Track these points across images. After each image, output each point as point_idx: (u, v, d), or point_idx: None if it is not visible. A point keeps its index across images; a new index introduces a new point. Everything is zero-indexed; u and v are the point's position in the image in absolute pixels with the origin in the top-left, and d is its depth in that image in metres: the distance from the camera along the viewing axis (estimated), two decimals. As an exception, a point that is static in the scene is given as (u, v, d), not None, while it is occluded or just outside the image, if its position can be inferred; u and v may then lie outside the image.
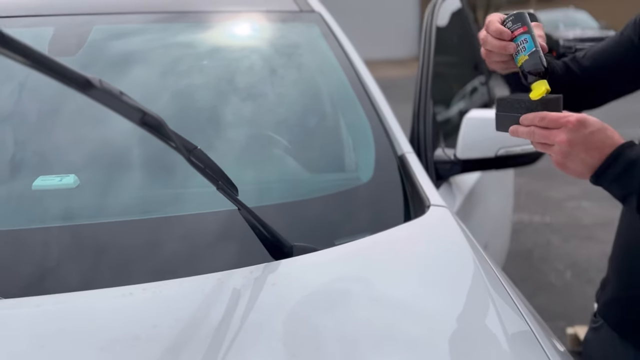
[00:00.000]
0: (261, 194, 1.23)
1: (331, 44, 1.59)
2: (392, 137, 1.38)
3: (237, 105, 1.45)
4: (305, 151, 1.40)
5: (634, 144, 0.77)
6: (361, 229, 1.13)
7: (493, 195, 2.03)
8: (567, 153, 0.79)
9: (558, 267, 3.39)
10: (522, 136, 0.83)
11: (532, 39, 0.87)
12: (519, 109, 0.85)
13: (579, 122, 0.76)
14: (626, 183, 0.76)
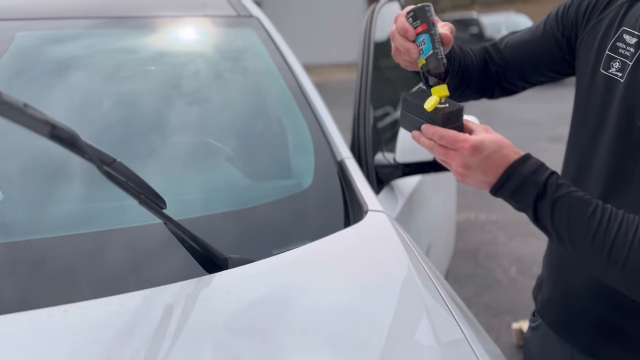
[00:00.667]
0: (197, 205, 1.19)
1: (269, 49, 1.57)
2: (331, 143, 1.37)
3: (172, 112, 1.41)
4: (244, 158, 1.38)
5: (527, 159, 0.78)
6: (300, 237, 1.12)
7: (436, 196, 2.06)
8: (464, 175, 0.80)
9: (504, 264, 3.49)
10: (423, 146, 0.83)
11: (431, 39, 0.82)
12: (422, 115, 0.83)
13: (473, 149, 0.77)
14: (521, 198, 0.78)
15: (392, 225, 1.08)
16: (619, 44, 0.90)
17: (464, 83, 1.06)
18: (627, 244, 0.71)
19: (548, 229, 0.78)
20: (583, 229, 0.74)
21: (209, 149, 1.38)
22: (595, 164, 0.93)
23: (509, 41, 1.10)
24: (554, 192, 0.76)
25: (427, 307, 0.87)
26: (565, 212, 0.75)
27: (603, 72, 0.92)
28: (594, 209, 0.75)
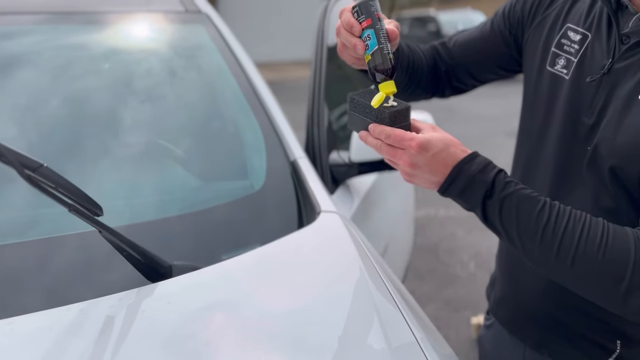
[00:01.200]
0: (143, 209, 1.14)
1: (219, 46, 1.52)
2: (284, 143, 1.33)
3: (118, 112, 1.35)
4: (194, 159, 1.33)
5: (474, 157, 0.77)
6: (250, 241, 1.08)
7: (393, 193, 2.05)
8: (412, 174, 0.78)
9: (463, 259, 3.53)
10: (370, 146, 0.81)
11: (376, 34, 0.79)
12: (369, 115, 0.81)
13: (420, 147, 0.75)
14: (469, 197, 0.76)
15: (345, 226, 1.05)
16: (564, 41, 0.90)
17: (414, 82, 1.05)
18: (575, 241, 0.71)
19: (497, 228, 0.76)
20: (531, 226, 0.73)
21: (157, 150, 1.32)
22: (543, 161, 0.93)
23: (458, 39, 1.09)
24: (501, 190, 0.75)
25: (379, 310, 0.85)
26: (513, 210, 0.74)
27: (549, 69, 0.92)
28: (542, 206, 0.74)
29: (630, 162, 0.77)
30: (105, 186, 1.16)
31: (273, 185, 1.23)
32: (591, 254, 0.70)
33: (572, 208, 0.74)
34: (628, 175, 0.78)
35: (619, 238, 0.70)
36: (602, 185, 0.82)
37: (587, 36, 0.87)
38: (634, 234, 0.70)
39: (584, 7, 0.90)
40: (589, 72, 0.85)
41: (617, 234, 0.71)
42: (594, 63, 0.85)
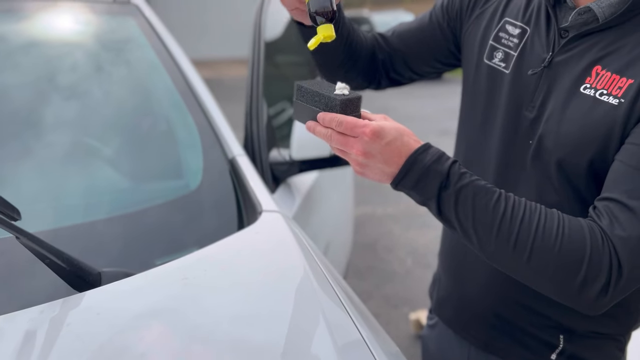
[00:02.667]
0: (70, 212, 1.05)
1: (150, 39, 1.44)
2: (221, 140, 1.28)
3: (42, 109, 1.24)
4: (125, 158, 1.25)
5: (428, 148, 0.75)
6: (187, 244, 1.02)
7: (333, 192, 2.03)
8: (364, 164, 0.74)
9: (400, 255, 3.58)
10: (319, 137, 0.76)
11: None
12: (318, 104, 0.77)
13: (374, 134, 0.72)
14: (423, 189, 0.74)
15: (288, 225, 1.02)
16: (502, 35, 0.91)
17: (351, 59, 1.02)
18: (532, 233, 0.70)
19: (452, 221, 0.74)
20: (488, 218, 0.71)
21: (83, 149, 1.23)
22: (485, 155, 0.93)
23: (397, 30, 1.08)
24: (457, 181, 0.73)
25: (324, 309, 0.82)
26: (469, 202, 0.72)
27: (486, 62, 0.92)
28: (498, 198, 0.72)
29: (576, 154, 0.78)
30: (26, 188, 1.06)
31: (210, 185, 1.17)
32: (548, 246, 0.69)
33: (526, 199, 0.74)
34: (574, 167, 0.79)
35: (574, 229, 0.70)
36: (547, 180, 0.83)
37: (526, 30, 0.88)
38: (588, 225, 0.70)
39: (522, 1, 0.91)
40: (529, 65, 0.85)
41: (572, 225, 0.71)
42: (533, 57, 0.85)
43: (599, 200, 0.73)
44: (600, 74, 0.76)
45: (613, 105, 0.74)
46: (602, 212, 0.71)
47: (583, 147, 0.77)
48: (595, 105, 0.75)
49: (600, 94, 0.75)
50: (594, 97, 0.76)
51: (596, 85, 0.76)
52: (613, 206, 0.70)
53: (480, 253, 0.75)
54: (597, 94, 0.76)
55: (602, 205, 0.72)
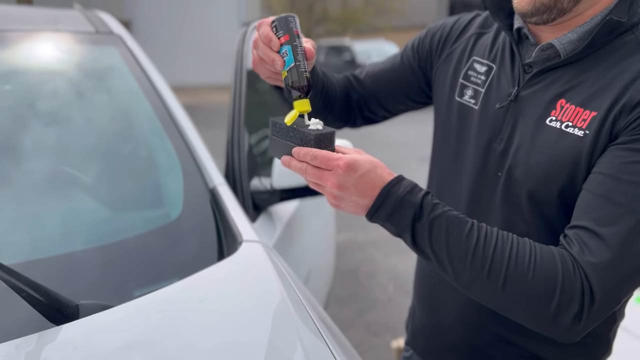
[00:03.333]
0: (44, 244, 1.04)
1: (133, 68, 1.45)
2: (202, 169, 1.28)
3: (22, 137, 1.24)
4: (105, 187, 1.24)
5: (401, 180, 0.76)
6: (167, 275, 1.02)
7: (314, 219, 2.04)
8: (339, 196, 0.76)
9: (382, 282, 3.58)
10: (295, 171, 0.78)
11: (293, 51, 0.79)
12: (293, 139, 0.79)
13: (348, 166, 0.73)
14: (398, 221, 0.75)
15: (268, 256, 1.02)
16: (471, 73, 0.95)
17: (327, 108, 1.05)
18: (505, 261, 0.71)
19: (426, 251, 0.75)
20: (462, 248, 0.73)
21: (63, 178, 1.22)
22: (457, 187, 0.95)
23: (370, 71, 1.12)
24: (430, 211, 0.74)
25: (303, 341, 0.82)
26: (443, 232, 0.73)
27: (458, 99, 0.96)
28: (471, 227, 0.74)
29: (546, 184, 0.80)
30: (2, 219, 1.05)
31: (191, 214, 1.17)
32: (521, 274, 0.71)
33: (498, 229, 0.75)
34: (545, 197, 0.81)
35: (546, 257, 0.72)
36: (517, 210, 0.85)
37: (492, 67, 0.92)
38: (559, 252, 0.72)
39: (488, 41, 0.95)
40: (496, 100, 0.89)
41: (544, 252, 0.72)
42: (500, 92, 0.89)
43: (569, 229, 0.75)
44: (564, 107, 0.80)
45: (579, 136, 0.77)
46: (573, 239, 0.73)
47: (552, 177, 0.79)
48: (561, 137, 0.78)
49: (566, 126, 0.78)
50: (560, 130, 0.79)
51: (561, 117, 0.79)
52: (583, 233, 0.72)
53: (455, 283, 0.76)
54: (563, 126, 0.79)
55: (572, 233, 0.74)
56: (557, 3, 0.78)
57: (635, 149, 0.71)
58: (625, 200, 0.70)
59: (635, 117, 0.72)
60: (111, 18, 1.69)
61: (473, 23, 1.01)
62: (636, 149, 0.71)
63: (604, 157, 0.74)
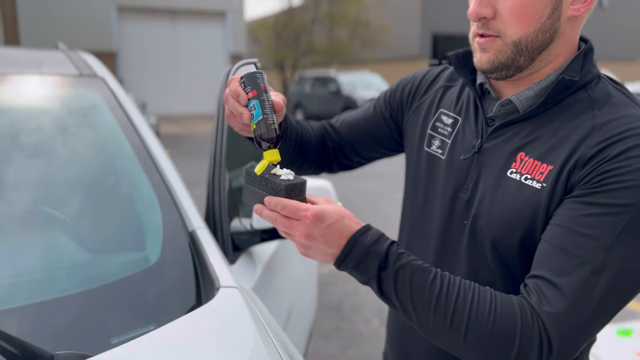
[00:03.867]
0: (19, 291, 1.04)
1: (115, 111, 1.48)
2: (182, 212, 1.29)
3: (3, 179, 1.25)
4: (85, 229, 1.25)
5: (368, 229, 0.79)
6: (145, 321, 1.02)
7: (295, 257, 2.04)
8: (308, 246, 0.79)
9: (366, 316, 3.57)
10: (266, 219, 0.81)
11: (261, 104, 0.84)
12: (265, 188, 0.82)
13: (315, 217, 0.76)
14: (364, 269, 0.77)
15: (245, 302, 1.03)
16: (438, 124, 1.00)
17: (302, 155, 1.10)
18: (467, 310, 0.74)
19: (392, 300, 0.77)
20: (425, 297, 0.75)
21: (40, 219, 1.23)
22: (426, 234, 0.98)
23: (345, 119, 1.17)
24: (395, 261, 0.77)
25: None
26: (407, 281, 0.76)
27: (426, 149, 1.00)
28: (434, 277, 0.76)
29: (507, 234, 0.83)
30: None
31: (170, 259, 1.18)
32: (482, 322, 0.73)
33: (461, 278, 0.78)
34: (506, 246, 0.84)
35: (506, 306, 0.74)
36: (482, 258, 0.88)
37: (457, 120, 0.97)
38: (518, 301, 0.75)
39: (454, 94, 1.00)
40: (461, 151, 0.93)
41: (504, 302, 0.75)
42: (465, 143, 0.93)
43: (529, 278, 0.77)
44: (524, 159, 0.83)
45: (537, 189, 0.80)
46: (531, 289, 0.75)
47: (512, 227, 0.82)
48: (521, 189, 0.82)
49: (525, 179, 0.82)
50: (519, 182, 0.83)
51: (521, 170, 0.83)
52: (541, 283, 0.75)
53: (421, 331, 0.78)
54: (522, 178, 0.82)
55: (531, 282, 0.76)
56: (514, 61, 0.83)
57: (589, 202, 0.75)
58: (580, 252, 0.73)
59: (588, 172, 0.76)
60: (94, 59, 1.72)
61: (441, 76, 1.06)
62: (589, 202, 0.75)
63: (560, 209, 0.78)
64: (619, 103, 0.81)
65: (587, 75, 0.84)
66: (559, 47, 0.84)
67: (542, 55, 0.83)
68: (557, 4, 0.80)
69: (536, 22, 0.80)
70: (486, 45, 0.84)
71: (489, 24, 0.82)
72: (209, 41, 18.03)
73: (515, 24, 0.80)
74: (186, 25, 17.71)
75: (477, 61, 0.86)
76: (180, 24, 17.64)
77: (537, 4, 0.79)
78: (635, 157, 0.73)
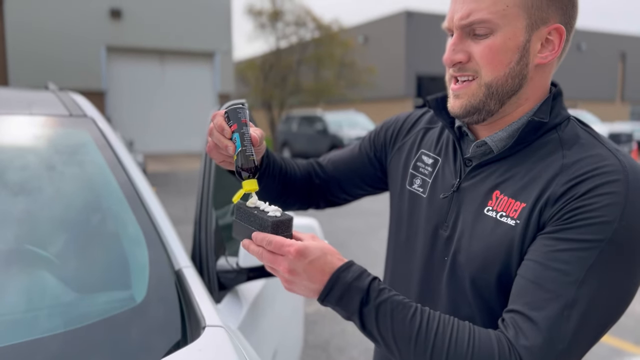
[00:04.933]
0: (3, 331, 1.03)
1: (103, 150, 1.49)
2: (168, 250, 1.30)
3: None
4: (71, 267, 1.25)
5: (350, 265, 0.81)
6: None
7: (282, 296, 2.04)
8: (291, 280, 0.81)
9: (353, 355, 3.52)
10: (252, 254, 0.83)
11: (240, 137, 0.89)
12: (254, 223, 0.85)
13: (298, 253, 0.78)
14: (346, 305, 0.79)
15: (231, 341, 1.03)
16: (419, 164, 1.04)
17: (287, 191, 1.14)
18: (446, 345, 0.76)
19: (374, 335, 0.79)
20: (406, 332, 0.77)
21: (27, 257, 1.23)
22: (409, 270, 1.01)
23: (331, 158, 1.22)
24: (376, 297, 0.79)
25: None
26: (388, 316, 0.78)
27: (408, 187, 1.04)
28: (414, 312, 0.78)
29: (485, 270, 0.86)
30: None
31: (156, 298, 1.18)
32: (460, 356, 0.75)
33: (440, 313, 0.80)
34: (485, 282, 0.86)
35: (484, 341, 0.76)
36: (462, 294, 0.90)
37: (437, 160, 1.01)
38: (496, 335, 0.77)
39: (434, 135, 1.05)
40: (441, 190, 0.97)
41: (482, 336, 0.77)
42: (444, 183, 0.97)
43: (506, 312, 0.80)
44: (499, 197, 0.87)
45: (511, 225, 0.83)
46: (509, 323, 0.77)
47: (490, 263, 0.85)
48: (497, 226, 0.85)
49: (500, 216, 0.85)
50: (495, 219, 0.86)
51: (497, 208, 0.86)
52: (517, 317, 0.77)
53: None
54: (498, 215, 0.86)
55: (508, 317, 0.78)
56: (485, 105, 0.87)
57: (560, 239, 0.78)
58: (553, 286, 0.76)
59: (559, 209, 0.79)
60: (84, 100, 1.75)
61: (422, 118, 1.11)
62: (561, 239, 0.78)
63: (534, 245, 0.80)
64: (586, 143, 0.85)
65: (557, 117, 0.89)
66: (528, 92, 0.89)
67: (511, 99, 0.88)
68: (524, 51, 0.85)
69: (505, 67, 0.85)
70: (460, 92, 0.89)
71: (465, 67, 0.88)
72: (197, 81, 18.25)
73: (487, 66, 0.85)
74: (175, 65, 17.95)
75: (450, 107, 0.92)
76: (169, 64, 17.87)
77: (505, 50, 0.84)
78: (601, 195, 0.77)
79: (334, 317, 4.16)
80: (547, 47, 0.86)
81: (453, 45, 0.87)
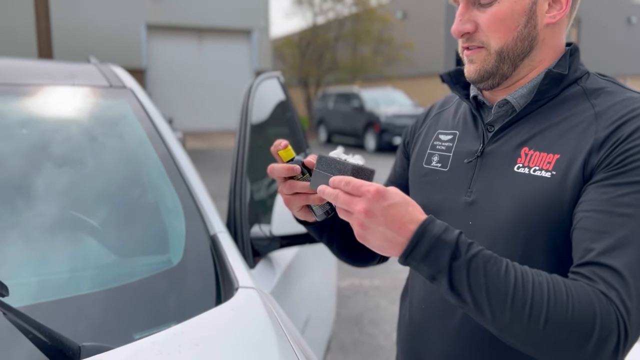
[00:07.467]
0: (50, 287, 1.10)
1: (142, 120, 1.54)
2: (204, 216, 1.34)
3: (34, 183, 1.31)
4: (111, 232, 1.31)
5: (434, 220, 0.75)
6: (166, 318, 1.06)
7: (315, 266, 2.08)
8: (366, 225, 0.74)
9: (386, 330, 3.56)
10: (327, 197, 0.78)
11: None
12: (333, 170, 0.81)
13: (377, 193, 0.73)
14: (434, 261, 0.73)
15: (263, 302, 1.06)
16: (436, 143, 1.03)
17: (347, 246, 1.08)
18: (545, 300, 0.71)
19: (463, 294, 0.73)
20: (501, 287, 0.71)
21: (70, 223, 1.29)
22: None
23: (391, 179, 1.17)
24: (467, 250, 0.73)
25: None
26: (481, 272, 0.72)
27: (426, 166, 1.03)
28: (507, 266, 0.73)
29: (521, 227, 0.84)
30: (11, 262, 1.11)
31: (192, 260, 1.22)
32: (561, 310, 0.70)
33: (526, 266, 0.76)
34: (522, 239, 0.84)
35: (581, 293, 0.72)
36: None
37: (455, 134, 1.01)
38: (590, 288, 0.72)
39: (450, 114, 1.06)
40: (463, 158, 0.96)
41: (578, 289, 0.72)
42: (466, 150, 0.96)
43: (580, 267, 0.75)
44: (529, 154, 0.86)
45: (547, 177, 0.82)
46: (591, 276, 0.73)
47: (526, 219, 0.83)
48: (530, 181, 0.84)
49: (533, 170, 0.84)
50: (528, 174, 0.85)
51: (528, 163, 0.85)
52: (597, 269, 0.73)
53: (492, 326, 0.74)
54: (531, 170, 0.85)
55: (586, 270, 0.74)
56: (498, 69, 0.88)
57: (618, 184, 0.76)
58: (623, 232, 0.74)
59: (606, 155, 0.78)
60: (124, 72, 1.80)
61: (434, 106, 1.13)
62: (618, 184, 0.76)
63: (588, 195, 0.78)
64: (613, 91, 0.85)
65: (577, 71, 0.88)
66: (541, 54, 0.89)
67: (524, 62, 0.88)
68: (531, 13, 0.85)
69: (513, 32, 0.85)
70: (473, 56, 0.90)
71: (473, 37, 0.88)
72: (234, 58, 18.34)
73: (494, 34, 0.86)
74: (213, 43, 18.06)
75: (466, 72, 0.92)
76: (207, 41, 18.00)
77: (512, 14, 0.84)
78: None
79: (367, 292, 4.20)
80: (555, 7, 0.87)
81: (460, 16, 0.88)
